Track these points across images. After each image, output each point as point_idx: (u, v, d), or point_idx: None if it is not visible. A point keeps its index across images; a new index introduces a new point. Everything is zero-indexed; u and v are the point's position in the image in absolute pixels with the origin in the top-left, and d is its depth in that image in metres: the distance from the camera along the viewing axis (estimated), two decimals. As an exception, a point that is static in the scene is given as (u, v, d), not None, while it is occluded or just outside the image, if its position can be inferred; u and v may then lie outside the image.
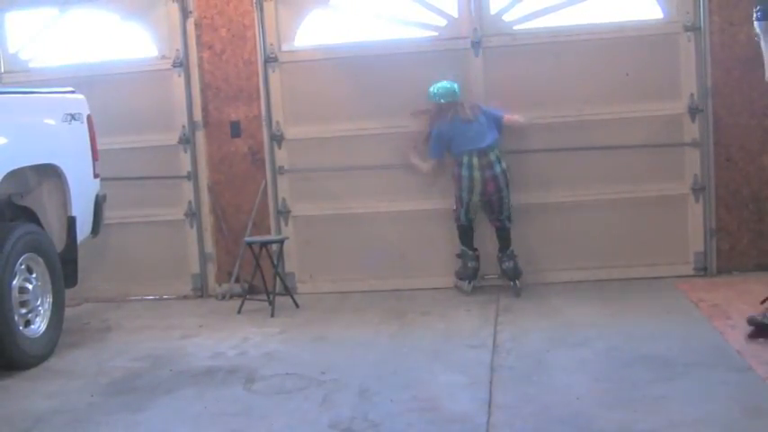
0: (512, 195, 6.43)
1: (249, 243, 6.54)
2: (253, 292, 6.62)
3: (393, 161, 6.75)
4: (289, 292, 6.53)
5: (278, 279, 6.48)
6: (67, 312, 5.81)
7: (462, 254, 6.56)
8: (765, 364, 4.39)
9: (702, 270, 6.60)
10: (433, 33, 6.80)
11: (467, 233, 6.53)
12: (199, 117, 6.94)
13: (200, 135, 6.95)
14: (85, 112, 5.95)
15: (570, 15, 6.66)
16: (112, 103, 6.77)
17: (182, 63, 6.87)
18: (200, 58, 6.89)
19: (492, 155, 6.34)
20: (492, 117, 6.43)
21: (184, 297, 7.03)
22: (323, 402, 4.28)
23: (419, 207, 6.77)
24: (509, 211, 6.43)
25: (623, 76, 6.55)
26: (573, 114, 6.58)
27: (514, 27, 6.70)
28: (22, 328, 5.13)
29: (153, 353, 5.37)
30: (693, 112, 6.51)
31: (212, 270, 7.05)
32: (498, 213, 6.42)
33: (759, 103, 6.40)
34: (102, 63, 7.02)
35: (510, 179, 6.39)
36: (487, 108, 6.48)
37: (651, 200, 6.62)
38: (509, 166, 6.40)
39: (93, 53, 7.08)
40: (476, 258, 6.55)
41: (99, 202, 6.07)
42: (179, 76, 6.90)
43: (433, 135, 6.46)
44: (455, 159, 6.43)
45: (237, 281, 6.91)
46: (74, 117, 5.81)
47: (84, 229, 5.94)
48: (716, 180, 6.54)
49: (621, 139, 6.59)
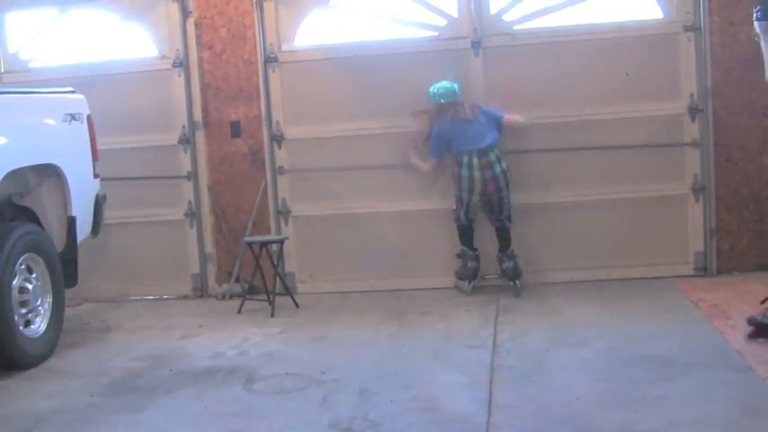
0: (512, 195, 6.43)
1: (249, 243, 6.54)
2: (253, 292, 6.62)
3: (393, 161, 6.75)
4: (289, 292, 6.53)
5: (278, 279, 6.48)
6: (67, 312, 5.81)
7: (462, 254, 6.56)
8: (765, 364, 4.39)
9: (702, 270, 6.60)
10: (433, 33, 6.80)
11: (467, 233, 6.53)
12: (199, 117, 6.94)
13: (200, 135, 6.96)
14: (85, 112, 5.95)
15: (570, 15, 6.66)
16: (112, 103, 6.77)
17: (182, 63, 6.87)
18: (200, 58, 6.89)
19: (492, 155, 6.34)
20: (492, 117, 6.43)
21: (184, 297, 7.03)
22: (323, 402, 4.28)
23: (419, 207, 6.78)
24: (509, 211, 6.44)
25: (623, 76, 6.55)
26: (573, 114, 6.58)
27: (514, 27, 6.70)
28: (22, 328, 5.13)
29: (153, 353, 5.37)
30: (693, 112, 6.52)
31: (212, 270, 7.05)
32: (498, 213, 6.42)
33: (759, 103, 6.40)
34: (102, 63, 7.03)
35: (510, 179, 6.39)
36: (487, 108, 6.48)
37: (651, 200, 6.62)
38: (509, 166, 6.40)
39: (93, 53, 7.08)
40: (476, 258, 6.56)
41: (99, 202, 6.07)
42: (179, 76, 6.90)
43: (433, 135, 6.46)
44: (455, 159, 6.43)
45: (237, 281, 6.91)
46: (74, 117, 5.81)
47: (84, 229, 5.94)
48: (716, 180, 6.54)
49: (621, 139, 6.59)
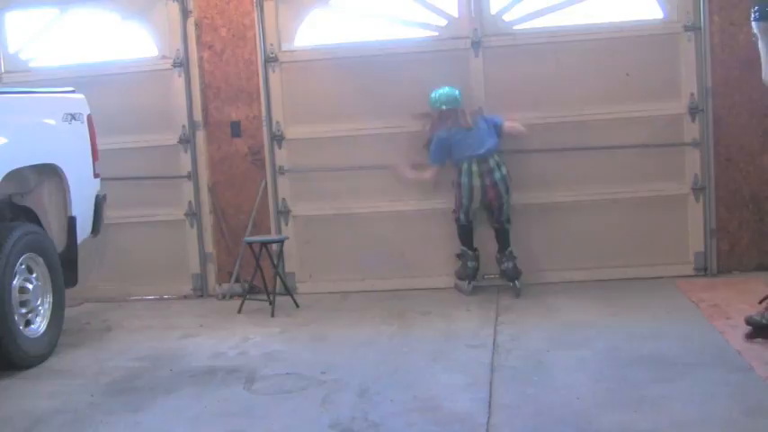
0: (512, 196, 6.43)
1: (249, 243, 6.54)
2: (253, 291, 6.62)
3: (393, 161, 6.75)
4: (289, 291, 6.53)
5: (278, 279, 6.48)
6: (67, 312, 5.80)
7: (462, 254, 6.56)
8: (766, 364, 4.39)
9: (702, 270, 6.60)
10: (433, 33, 6.80)
11: (467, 233, 6.53)
12: (199, 117, 6.94)
13: (200, 135, 6.95)
14: (85, 111, 5.95)
15: (570, 15, 6.65)
16: (112, 103, 6.76)
17: (182, 63, 6.87)
18: (200, 58, 6.89)
19: (492, 161, 6.32)
20: (492, 123, 6.43)
21: (184, 297, 7.03)
22: (323, 402, 4.28)
23: (419, 207, 6.78)
24: (509, 214, 6.43)
25: (623, 76, 6.55)
26: (573, 114, 6.58)
27: (514, 27, 6.70)
28: (22, 327, 5.13)
29: (153, 353, 5.37)
30: (693, 112, 6.51)
31: (212, 270, 7.05)
32: (498, 216, 6.42)
33: (759, 103, 6.40)
34: (102, 63, 7.03)
35: (510, 185, 6.37)
36: (488, 115, 6.48)
37: (651, 200, 6.62)
38: (509, 172, 6.38)
39: (93, 53, 7.08)
40: (476, 258, 6.55)
41: (99, 202, 6.06)
42: (179, 75, 6.90)
43: (434, 141, 6.46)
44: (455, 166, 6.43)
45: (238, 281, 6.91)
46: (74, 117, 5.81)
47: (85, 228, 5.93)
48: (716, 180, 6.54)
49: (621, 139, 6.59)
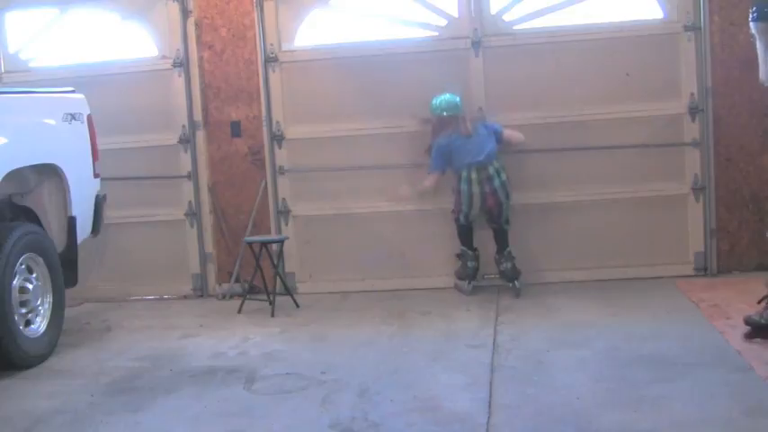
0: (512, 196, 6.42)
1: (249, 243, 6.54)
2: (253, 291, 6.62)
3: (393, 161, 6.76)
4: (289, 291, 6.53)
5: (278, 279, 6.48)
6: (67, 312, 5.80)
7: (462, 254, 6.56)
8: (766, 363, 4.39)
9: (702, 270, 6.60)
10: (433, 33, 6.80)
11: (466, 233, 6.53)
12: (199, 117, 6.93)
13: (200, 135, 6.95)
14: (85, 111, 5.95)
15: (570, 15, 6.65)
16: (112, 103, 6.76)
17: (182, 63, 6.87)
18: (200, 58, 6.89)
19: (491, 168, 6.31)
20: (492, 130, 6.42)
21: (184, 297, 7.03)
22: (323, 402, 4.28)
23: (419, 207, 6.77)
24: (508, 215, 6.43)
25: (623, 76, 6.55)
26: (573, 114, 6.58)
27: (514, 27, 6.70)
28: (22, 327, 5.13)
29: (153, 353, 5.37)
30: (693, 111, 6.51)
31: (212, 270, 7.05)
32: (497, 218, 6.41)
33: (759, 103, 6.40)
34: (102, 63, 7.03)
35: (510, 191, 6.36)
36: (487, 122, 6.48)
37: (651, 200, 6.62)
38: (509, 177, 6.36)
39: (93, 53, 7.08)
40: (476, 258, 6.55)
41: (99, 202, 6.06)
42: (179, 75, 6.90)
43: (434, 148, 6.45)
44: (455, 173, 6.43)
45: (238, 281, 6.91)
46: (74, 117, 5.81)
47: (85, 228, 5.93)
48: (716, 180, 6.54)
49: (621, 139, 6.59)
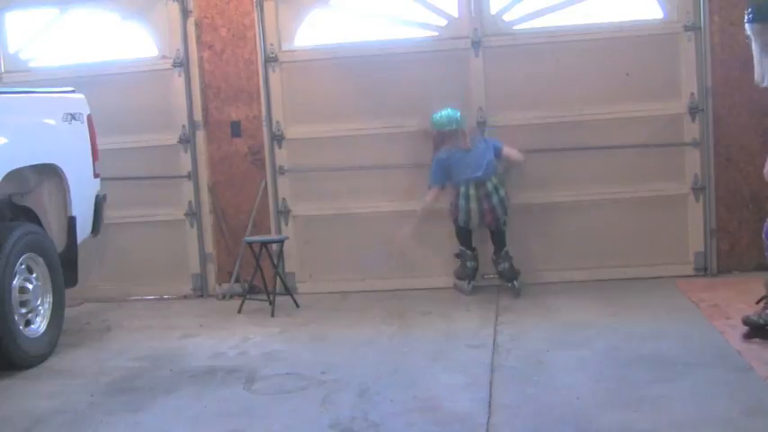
0: (511, 195, 6.43)
1: (249, 243, 6.54)
2: (253, 291, 6.62)
3: (393, 161, 6.76)
4: (289, 291, 6.53)
5: (278, 279, 6.48)
6: (67, 312, 5.80)
7: (461, 254, 6.55)
8: (766, 363, 4.39)
9: (702, 270, 6.60)
10: (433, 33, 6.80)
11: (465, 234, 6.52)
12: (199, 117, 6.93)
13: (200, 135, 6.95)
14: (85, 111, 5.95)
15: (570, 15, 6.65)
16: (112, 103, 6.76)
17: (182, 63, 6.87)
18: (200, 58, 6.89)
19: (489, 184, 6.30)
20: (492, 146, 6.40)
21: (184, 297, 7.03)
22: (323, 402, 4.28)
23: (419, 207, 6.77)
24: (505, 218, 6.41)
25: (623, 76, 6.55)
26: (573, 114, 6.58)
27: (514, 27, 6.69)
28: (22, 327, 5.13)
29: (153, 353, 5.37)
30: (693, 111, 6.52)
31: (212, 270, 7.05)
32: (495, 225, 6.41)
33: (759, 103, 6.39)
34: (102, 63, 7.03)
35: (508, 206, 6.36)
36: (488, 137, 6.47)
37: (651, 200, 6.62)
38: (507, 194, 6.36)
39: (93, 53, 7.08)
40: (475, 258, 6.55)
41: (99, 202, 6.06)
42: (179, 75, 6.90)
43: (434, 162, 6.45)
44: (453, 188, 6.42)
45: (238, 281, 6.91)
46: (74, 117, 5.80)
47: (85, 228, 5.93)
48: (716, 180, 6.54)
49: (621, 139, 6.59)
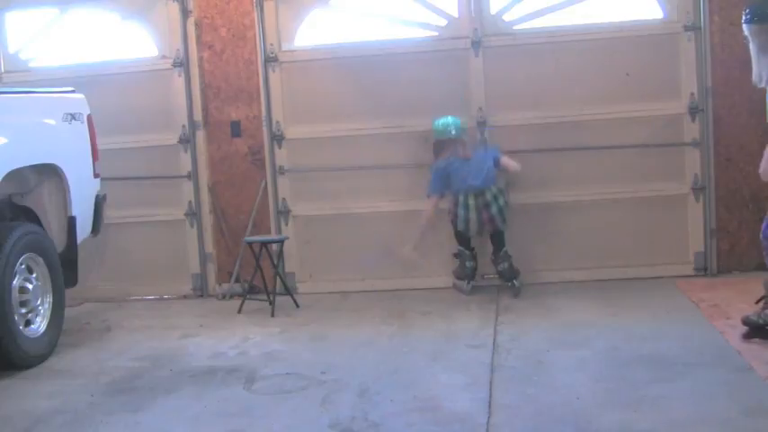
0: (512, 195, 6.43)
1: (249, 243, 6.54)
2: (253, 291, 6.62)
3: (393, 161, 6.76)
4: (289, 291, 6.53)
5: (278, 279, 6.48)
6: (67, 312, 5.80)
7: (460, 253, 6.54)
8: (765, 363, 4.39)
9: (702, 270, 6.60)
10: (433, 33, 6.80)
11: (464, 236, 6.51)
12: (199, 117, 6.93)
13: (200, 135, 6.95)
14: (85, 111, 5.95)
15: (570, 15, 6.65)
16: (112, 103, 6.76)
17: (182, 63, 6.87)
18: (200, 58, 6.89)
19: (489, 193, 6.29)
20: (491, 155, 6.38)
21: (184, 297, 7.03)
22: (323, 402, 4.28)
23: (419, 207, 6.75)
24: (504, 217, 6.41)
25: (623, 76, 6.55)
26: (573, 114, 6.58)
27: (514, 27, 6.70)
28: (22, 327, 5.13)
29: (153, 353, 5.37)
30: (693, 111, 6.52)
31: (212, 270, 7.05)
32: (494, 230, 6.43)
33: (759, 103, 6.32)
34: (102, 63, 7.03)
35: (507, 215, 6.34)
36: (488, 146, 6.47)
37: (651, 200, 6.62)
38: (508, 201, 6.36)
39: (93, 53, 7.08)
40: (473, 258, 6.54)
41: (99, 202, 6.06)
42: (179, 75, 6.90)
43: (433, 171, 6.45)
44: (452, 197, 6.41)
45: (238, 281, 6.91)
46: (74, 117, 5.81)
47: (85, 228, 5.93)
48: (716, 180, 6.54)
49: (621, 139, 6.59)
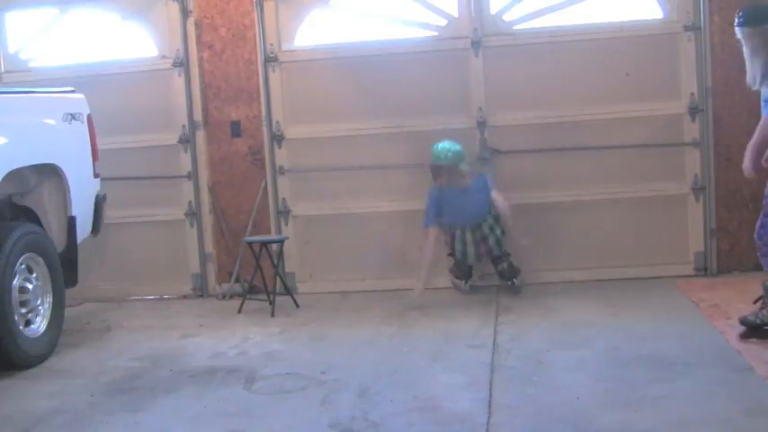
0: (511, 196, 6.41)
1: (249, 243, 6.54)
2: (253, 291, 6.62)
3: (393, 161, 6.76)
4: (289, 291, 6.53)
5: (278, 279, 6.48)
6: (67, 312, 5.80)
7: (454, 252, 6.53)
8: (765, 363, 4.39)
9: (702, 270, 6.60)
10: (433, 33, 6.80)
11: (462, 263, 6.47)
12: (199, 117, 6.93)
13: (200, 135, 6.95)
14: (85, 111, 5.95)
15: (570, 15, 6.65)
16: (112, 103, 6.76)
17: (182, 63, 6.87)
18: (200, 58, 6.89)
19: (485, 225, 6.25)
20: (484, 185, 6.32)
21: (184, 297, 7.03)
22: (323, 402, 4.28)
23: (419, 207, 6.73)
24: (501, 248, 6.36)
25: (623, 76, 6.55)
26: (573, 114, 6.58)
27: (514, 27, 6.69)
28: (22, 327, 5.13)
29: (153, 353, 5.37)
30: (693, 111, 6.52)
31: (212, 270, 7.05)
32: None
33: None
34: (102, 63, 7.03)
35: (505, 243, 6.30)
36: (485, 177, 6.40)
37: (651, 200, 6.62)
38: (504, 231, 6.29)
39: (93, 53, 7.08)
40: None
41: (99, 202, 6.06)
42: (179, 75, 6.90)
43: (428, 200, 6.37)
44: (448, 229, 6.35)
45: (238, 281, 6.91)
46: (74, 117, 5.81)
47: (85, 228, 5.93)
48: (716, 180, 6.54)
49: (621, 139, 6.59)
